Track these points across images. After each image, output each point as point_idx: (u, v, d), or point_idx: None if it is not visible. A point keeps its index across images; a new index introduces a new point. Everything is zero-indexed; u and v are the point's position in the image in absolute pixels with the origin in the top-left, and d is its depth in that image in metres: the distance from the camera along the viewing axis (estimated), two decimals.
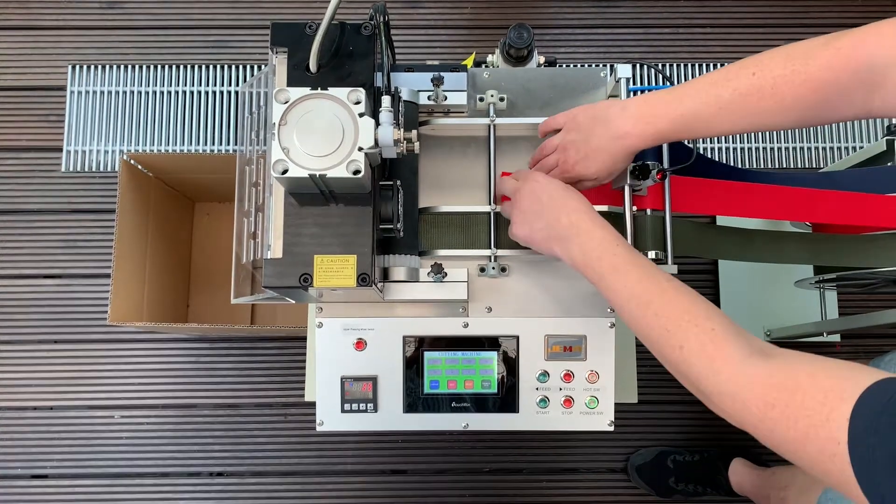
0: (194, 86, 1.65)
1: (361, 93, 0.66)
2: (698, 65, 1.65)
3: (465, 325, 0.84)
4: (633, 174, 0.79)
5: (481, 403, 0.84)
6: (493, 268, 0.83)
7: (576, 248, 0.70)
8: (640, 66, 1.63)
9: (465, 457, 1.50)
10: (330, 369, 0.84)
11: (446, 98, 0.84)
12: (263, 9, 1.68)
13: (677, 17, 1.67)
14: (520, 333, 0.84)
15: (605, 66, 0.88)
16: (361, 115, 0.65)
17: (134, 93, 1.64)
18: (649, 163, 0.78)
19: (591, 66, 1.61)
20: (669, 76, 1.64)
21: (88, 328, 1.55)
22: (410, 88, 0.81)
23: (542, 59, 0.94)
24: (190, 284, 1.60)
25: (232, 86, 1.65)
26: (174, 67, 1.65)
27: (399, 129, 0.68)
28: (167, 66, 1.65)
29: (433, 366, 0.84)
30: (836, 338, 1.51)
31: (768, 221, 1.39)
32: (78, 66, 1.65)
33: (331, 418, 0.84)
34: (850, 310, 1.52)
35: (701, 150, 1.63)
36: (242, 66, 1.66)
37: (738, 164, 1.63)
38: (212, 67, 1.65)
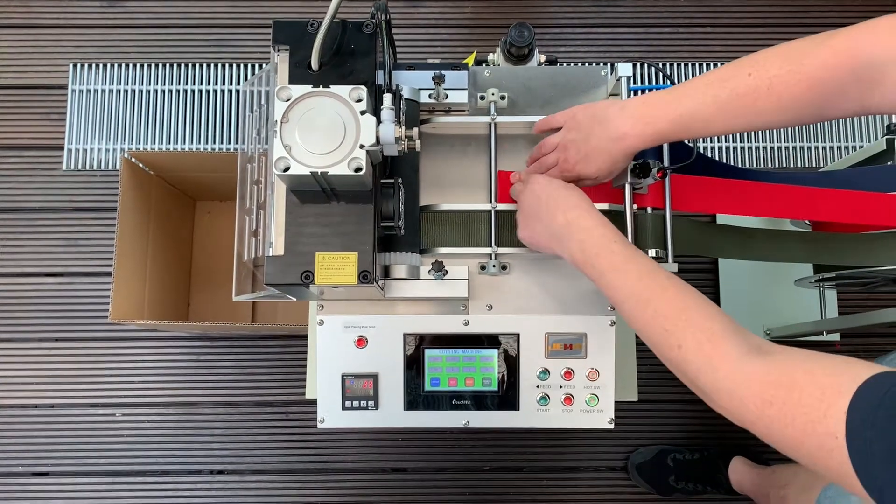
0: (195, 84, 1.65)
1: (363, 90, 0.66)
2: (699, 64, 1.65)
3: (466, 323, 0.84)
4: (634, 172, 0.79)
5: (482, 401, 0.84)
6: (494, 266, 0.83)
7: (575, 246, 0.71)
8: (640, 65, 1.63)
9: (465, 455, 1.50)
10: (331, 367, 0.84)
11: (447, 96, 0.84)
12: (264, 7, 1.68)
13: (678, 17, 1.68)
14: (520, 331, 0.84)
15: (606, 65, 0.88)
16: (363, 113, 0.66)
17: (135, 91, 1.64)
18: (650, 161, 0.78)
19: (591, 65, 1.61)
20: (670, 75, 1.64)
21: (89, 326, 1.55)
22: (412, 87, 0.81)
23: (542, 58, 0.94)
24: (191, 283, 1.60)
25: (233, 84, 1.65)
26: (175, 66, 1.65)
27: (400, 126, 0.68)
28: (168, 65, 1.65)
29: (434, 363, 0.84)
30: (836, 337, 1.51)
31: (768, 220, 1.40)
32: (79, 65, 1.65)
33: (332, 415, 0.84)
34: (850, 309, 1.52)
35: (701, 150, 1.64)
36: (243, 65, 1.66)
37: (738, 163, 1.63)
38: (213, 66, 1.66)
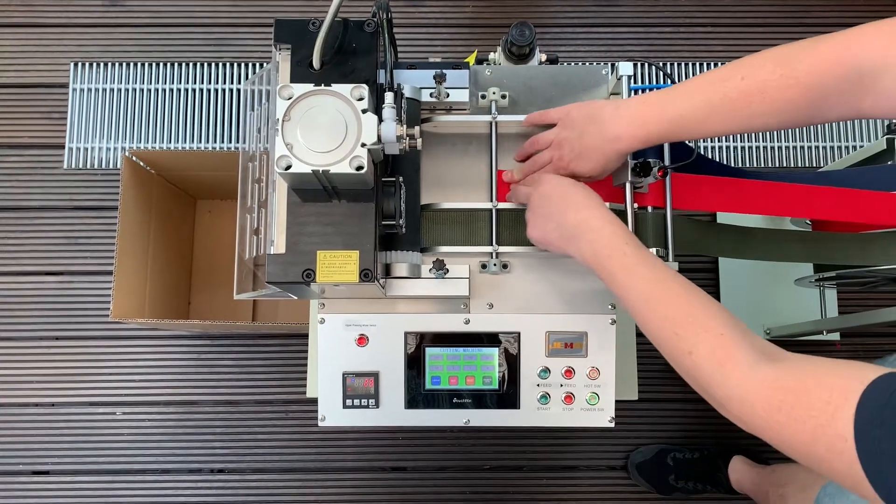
0: (196, 83, 1.65)
1: (365, 89, 0.66)
2: (699, 64, 1.66)
3: (467, 322, 0.84)
4: (635, 171, 0.79)
5: (482, 399, 0.84)
6: (495, 264, 0.83)
7: (586, 246, 0.71)
8: (641, 64, 1.63)
9: (465, 454, 1.51)
10: (332, 365, 0.84)
11: (448, 95, 0.84)
12: (265, 6, 1.68)
13: (678, 17, 1.68)
14: (521, 330, 0.84)
15: (607, 64, 0.88)
16: (364, 112, 0.66)
17: (136, 90, 1.64)
18: (651, 160, 0.78)
19: (592, 64, 1.62)
20: (671, 74, 1.64)
21: (90, 325, 1.55)
22: (413, 85, 0.81)
23: (543, 57, 0.94)
24: (191, 282, 1.60)
25: (234, 84, 1.66)
26: (176, 65, 1.65)
27: (402, 125, 0.69)
28: (169, 64, 1.65)
29: (434, 362, 0.84)
30: (836, 336, 1.51)
31: (768, 219, 1.40)
32: (80, 64, 1.65)
33: (332, 414, 0.84)
34: (850, 308, 1.52)
35: (700, 150, 1.64)
36: (244, 64, 1.66)
37: (738, 163, 1.63)
38: (214, 65, 1.66)
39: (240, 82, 1.65)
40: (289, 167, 0.65)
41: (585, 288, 0.85)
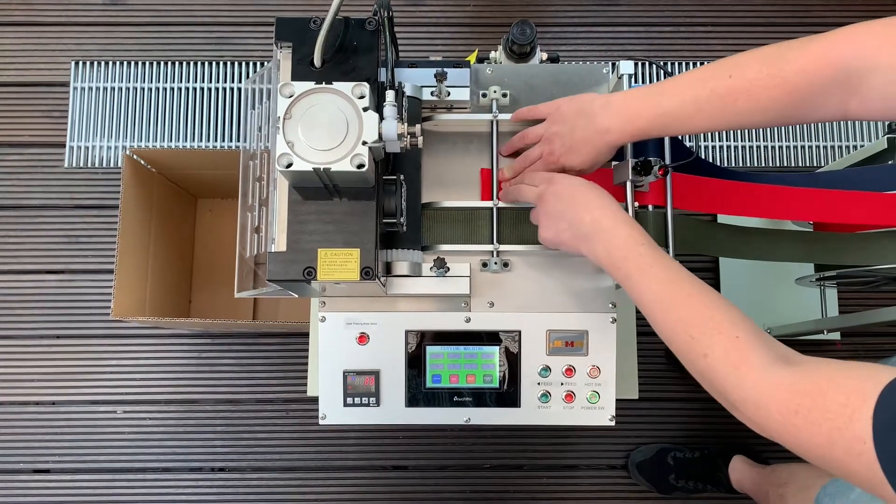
0: (197, 82, 1.65)
1: (366, 87, 0.66)
2: (699, 63, 1.66)
3: (468, 320, 0.84)
4: (636, 170, 0.79)
5: (483, 398, 0.84)
6: (496, 263, 0.83)
7: (600, 247, 0.70)
8: (642, 63, 1.63)
9: (465, 453, 1.51)
10: (333, 363, 0.84)
11: (449, 94, 0.84)
12: (266, 5, 1.68)
13: (679, 16, 1.68)
14: (522, 328, 0.84)
15: (607, 63, 0.88)
16: (366, 110, 0.66)
17: (137, 89, 1.65)
18: (651, 159, 0.78)
19: (593, 63, 1.62)
20: (671, 73, 1.64)
21: (91, 323, 1.55)
22: (414, 84, 0.81)
23: (544, 56, 0.94)
24: (192, 280, 1.60)
25: (235, 82, 1.66)
26: (177, 64, 1.66)
27: (403, 123, 0.69)
28: (170, 63, 1.65)
29: (435, 360, 0.84)
30: (837, 336, 1.51)
31: (769, 219, 1.40)
32: (81, 63, 1.65)
33: (333, 412, 0.84)
34: (851, 307, 1.52)
35: (700, 150, 1.64)
36: (245, 63, 1.66)
37: (737, 163, 1.63)
38: (214, 64, 1.66)
39: (240, 81, 1.65)
40: (290, 165, 0.65)
41: (586, 286, 0.85)
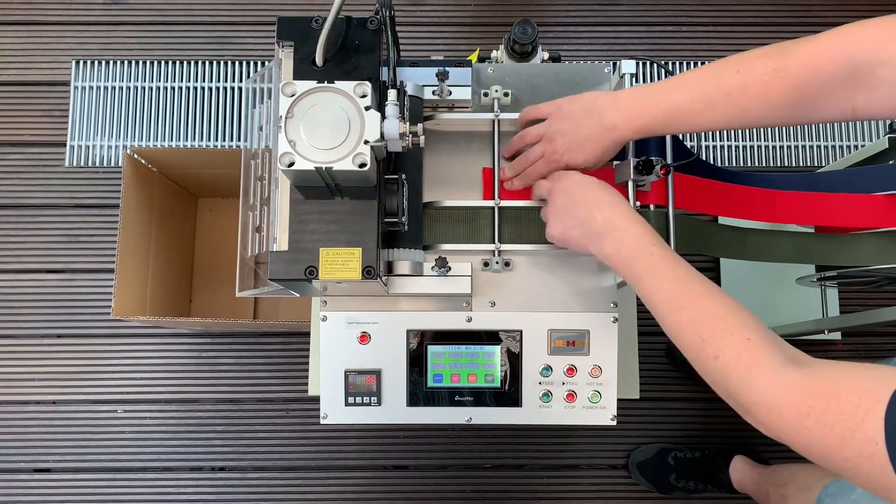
0: (198, 81, 1.65)
1: (368, 86, 0.66)
2: (701, 62, 1.65)
3: (469, 320, 0.84)
4: (637, 170, 0.79)
5: (484, 397, 0.84)
6: (497, 262, 0.83)
7: (610, 246, 0.70)
8: (643, 63, 1.63)
9: (466, 453, 1.51)
10: (334, 363, 0.84)
11: (451, 93, 0.84)
12: (267, 4, 1.68)
13: (680, 16, 1.68)
14: (523, 328, 0.84)
15: (609, 62, 0.88)
16: (367, 109, 0.66)
17: (137, 88, 1.64)
18: (653, 158, 0.78)
19: (594, 62, 1.62)
20: (672, 73, 1.64)
21: (91, 323, 1.55)
22: (415, 83, 0.81)
23: (546, 55, 0.94)
24: (193, 280, 1.60)
25: (235, 82, 1.66)
26: (178, 63, 1.65)
27: (404, 122, 0.69)
28: (171, 62, 1.65)
29: (436, 360, 0.84)
30: (838, 336, 1.51)
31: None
32: (81, 62, 1.65)
33: (335, 411, 0.84)
34: (852, 307, 1.52)
35: (702, 150, 1.64)
36: (246, 62, 1.66)
37: (739, 162, 1.63)
38: (215, 63, 1.66)
39: (241, 80, 1.65)
40: (292, 164, 0.65)
41: (588, 286, 0.85)
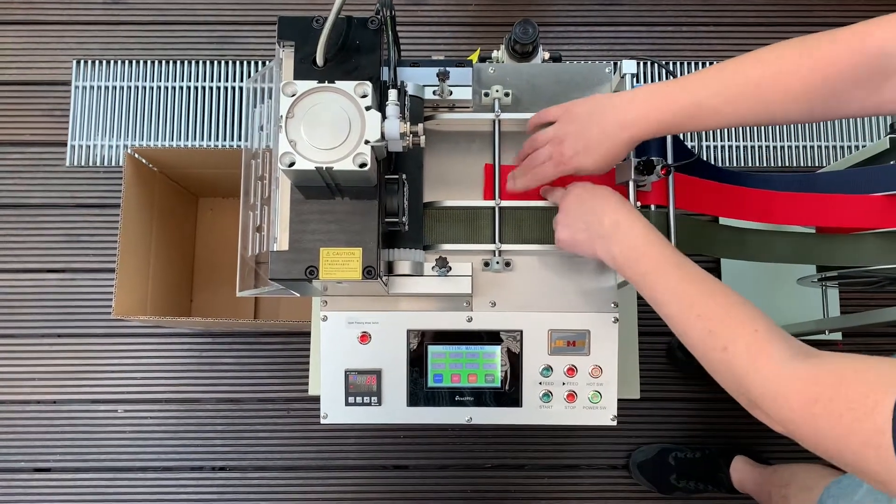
0: (198, 81, 1.65)
1: (368, 86, 0.66)
2: (701, 63, 1.65)
3: (469, 320, 0.84)
4: (638, 170, 0.79)
5: (485, 397, 0.84)
6: (498, 262, 0.83)
7: (617, 246, 0.70)
8: (643, 63, 1.63)
9: (466, 453, 1.51)
10: (334, 362, 0.84)
11: (451, 93, 0.84)
12: (268, 4, 1.68)
13: (681, 16, 1.68)
14: (523, 328, 0.84)
15: (609, 62, 0.88)
16: (368, 109, 0.66)
17: (138, 88, 1.65)
18: (654, 158, 0.78)
19: (595, 63, 1.62)
20: (673, 73, 1.64)
21: (92, 322, 1.55)
22: (416, 83, 0.81)
23: (546, 55, 0.94)
24: (193, 280, 1.60)
25: (236, 81, 1.66)
26: (178, 63, 1.65)
27: (405, 122, 0.68)
28: (171, 62, 1.65)
29: (437, 360, 0.84)
30: (838, 336, 1.51)
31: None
32: (82, 61, 1.65)
33: (335, 411, 0.84)
34: (853, 308, 1.52)
35: (703, 149, 1.64)
36: (247, 62, 1.66)
37: (740, 163, 1.63)
38: (216, 63, 1.66)
39: (241, 81, 1.65)
40: (292, 164, 0.65)
41: (588, 286, 0.85)
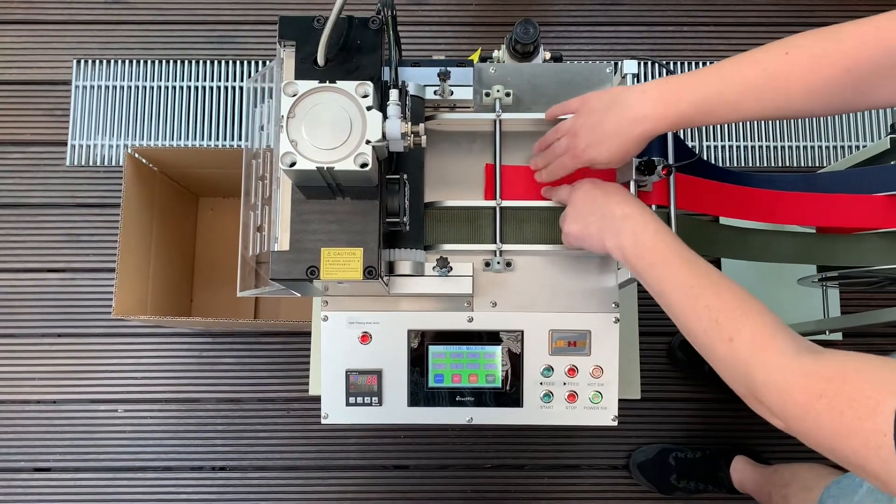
0: (199, 81, 1.65)
1: (369, 86, 0.66)
2: (702, 63, 1.65)
3: (470, 320, 0.84)
4: (639, 170, 0.79)
5: (485, 398, 0.84)
6: (498, 262, 0.83)
7: (628, 238, 0.71)
8: (644, 63, 1.63)
9: (467, 453, 1.51)
10: (335, 363, 0.84)
11: (452, 93, 0.84)
12: (267, 4, 1.68)
13: (681, 16, 1.68)
14: (524, 328, 0.84)
15: (610, 62, 0.88)
16: (369, 109, 0.66)
17: (138, 87, 1.64)
18: (655, 158, 0.78)
19: (596, 62, 1.62)
20: (674, 73, 1.64)
21: (92, 322, 1.55)
22: (417, 83, 0.81)
23: (547, 55, 0.94)
24: (193, 279, 1.60)
25: (236, 81, 1.66)
26: (179, 62, 1.65)
27: (406, 122, 0.68)
28: (172, 62, 1.65)
29: (438, 360, 0.84)
30: (839, 336, 1.51)
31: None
32: (83, 61, 1.65)
33: (335, 411, 0.84)
34: (853, 308, 1.52)
35: (705, 149, 1.64)
36: (247, 62, 1.66)
37: (741, 163, 1.63)
38: (216, 63, 1.66)
39: (241, 80, 1.65)
40: (293, 164, 0.65)
41: (589, 286, 0.84)
